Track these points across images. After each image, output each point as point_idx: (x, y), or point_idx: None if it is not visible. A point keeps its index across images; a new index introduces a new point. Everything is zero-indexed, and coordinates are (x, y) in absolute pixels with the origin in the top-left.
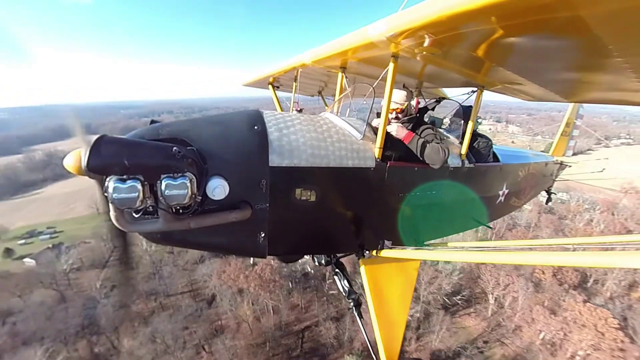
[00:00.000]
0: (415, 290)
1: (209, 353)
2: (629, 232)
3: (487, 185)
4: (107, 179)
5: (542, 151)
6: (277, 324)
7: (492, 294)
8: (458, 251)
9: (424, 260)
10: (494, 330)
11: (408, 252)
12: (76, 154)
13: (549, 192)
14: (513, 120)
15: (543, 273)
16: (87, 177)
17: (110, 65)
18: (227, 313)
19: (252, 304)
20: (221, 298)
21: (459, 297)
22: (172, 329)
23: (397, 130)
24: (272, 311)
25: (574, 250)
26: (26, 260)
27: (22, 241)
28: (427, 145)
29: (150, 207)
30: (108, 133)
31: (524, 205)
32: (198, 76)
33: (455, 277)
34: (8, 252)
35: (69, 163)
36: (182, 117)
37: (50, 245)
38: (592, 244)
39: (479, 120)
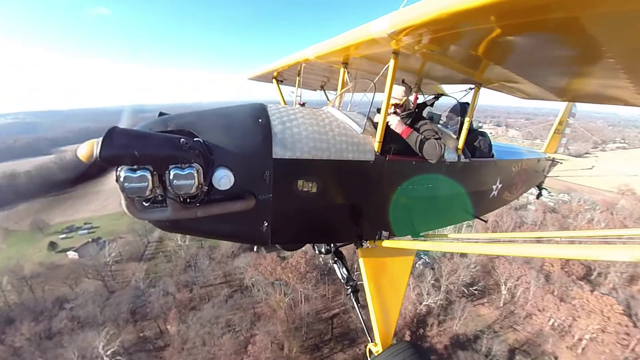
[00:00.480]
0: (437, 280)
1: (252, 336)
2: None
3: (482, 180)
4: (119, 169)
5: None
6: (309, 311)
7: (505, 285)
8: (452, 242)
9: (442, 253)
10: (507, 318)
11: (404, 243)
12: (89, 145)
13: (540, 188)
14: (512, 125)
15: (552, 266)
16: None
17: (126, 71)
18: (262, 302)
19: (285, 294)
20: (258, 289)
21: (474, 287)
22: (213, 315)
23: (396, 124)
24: (303, 300)
25: (580, 243)
26: (69, 253)
27: (63, 235)
28: (425, 140)
29: (160, 197)
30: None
31: (529, 206)
32: (204, 79)
33: (473, 269)
34: (52, 245)
35: (83, 153)
36: None
37: (90, 240)
38: (595, 237)
39: (480, 124)
